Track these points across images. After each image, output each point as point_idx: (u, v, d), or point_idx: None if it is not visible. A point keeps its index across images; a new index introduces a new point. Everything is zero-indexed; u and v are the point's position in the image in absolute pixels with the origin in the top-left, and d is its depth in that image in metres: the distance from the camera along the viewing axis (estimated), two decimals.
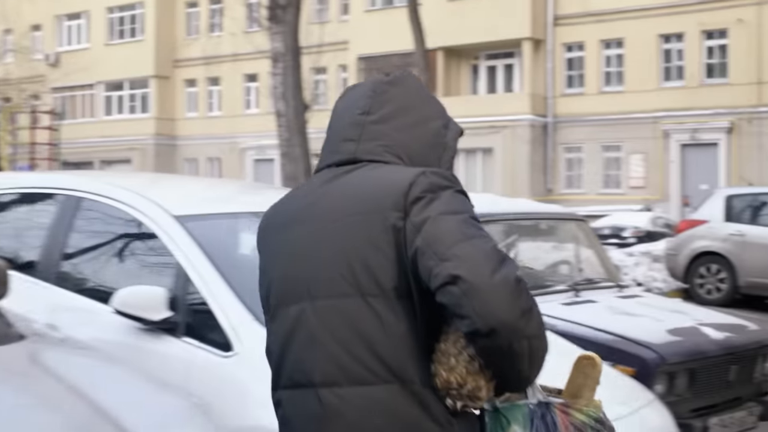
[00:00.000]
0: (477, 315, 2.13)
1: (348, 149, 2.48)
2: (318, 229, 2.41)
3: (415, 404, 2.25)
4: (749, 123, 35.17)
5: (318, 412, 2.32)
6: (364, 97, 2.53)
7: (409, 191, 2.29)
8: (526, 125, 38.91)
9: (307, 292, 2.39)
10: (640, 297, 7.40)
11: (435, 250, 2.20)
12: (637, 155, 37.72)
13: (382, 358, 2.27)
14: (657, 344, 6.15)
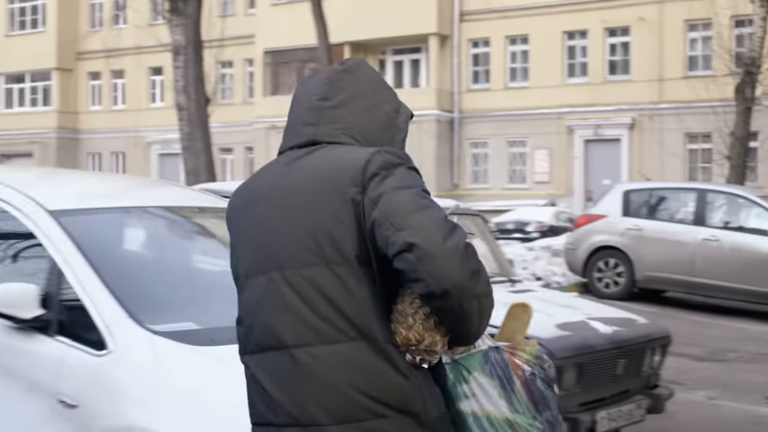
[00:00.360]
0: (431, 278, 2.36)
1: (308, 132, 2.68)
2: (283, 206, 2.62)
3: (380, 359, 2.47)
4: (650, 119, 35.77)
5: (292, 371, 2.52)
6: (322, 84, 2.71)
7: (365, 168, 2.50)
8: (432, 120, 39.05)
9: (275, 264, 2.59)
10: (533, 291, 7.44)
11: (391, 221, 2.42)
12: (542, 151, 38.12)
13: (349, 319, 2.48)
14: (545, 339, 6.14)
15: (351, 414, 2.48)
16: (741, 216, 14.74)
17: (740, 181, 24.61)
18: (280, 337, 2.56)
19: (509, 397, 2.58)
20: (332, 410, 2.49)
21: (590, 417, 6.34)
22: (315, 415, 2.50)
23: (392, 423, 2.48)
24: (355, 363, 2.48)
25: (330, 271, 2.52)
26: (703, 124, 27.19)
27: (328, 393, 2.49)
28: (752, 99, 24.48)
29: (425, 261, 2.36)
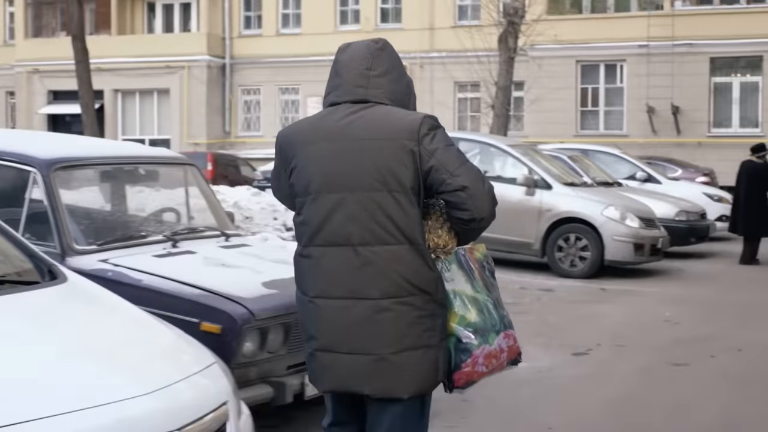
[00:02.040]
0: (475, 209, 3.57)
1: (360, 93, 3.69)
2: (354, 146, 3.62)
3: (418, 257, 3.61)
4: (421, 68, 35.87)
5: (356, 261, 3.61)
6: (364, 57, 3.74)
7: (419, 128, 3.58)
8: (203, 66, 38.04)
9: (346, 186, 3.62)
10: (246, 246, 6.91)
11: (447, 168, 3.55)
12: (314, 98, 37.64)
13: (401, 229, 3.59)
14: (247, 298, 5.68)
15: (394, 292, 3.61)
16: (493, 165, 14.71)
17: (504, 131, 24.98)
18: (348, 237, 3.62)
19: (472, 281, 3.79)
20: (382, 288, 3.60)
21: (299, 380, 5.90)
22: (370, 291, 3.62)
23: (418, 299, 3.61)
24: (402, 259, 3.60)
25: (391, 196, 3.60)
26: (471, 74, 27.31)
27: (381, 277, 3.60)
28: (515, 49, 24.80)
29: (472, 198, 3.57)
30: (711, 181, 24.31)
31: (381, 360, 3.63)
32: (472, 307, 3.72)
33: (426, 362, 3.65)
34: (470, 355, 3.71)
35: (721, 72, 31.93)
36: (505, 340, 3.82)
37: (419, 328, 3.62)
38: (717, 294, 12.56)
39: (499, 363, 3.82)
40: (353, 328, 3.66)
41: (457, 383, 3.78)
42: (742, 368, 8.35)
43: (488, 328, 3.75)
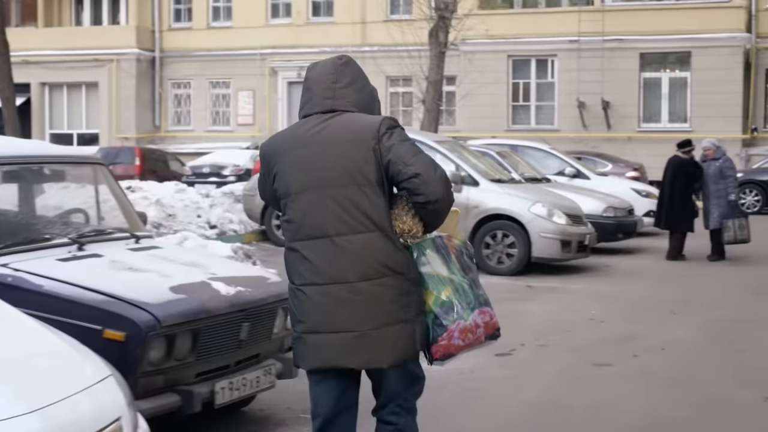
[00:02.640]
0: (429, 193, 4.02)
1: (328, 104, 4.20)
2: (325, 150, 4.12)
3: (388, 242, 4.08)
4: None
5: (333, 250, 4.06)
6: (330, 72, 4.22)
7: (379, 129, 4.07)
8: (132, 59, 37.57)
9: (320, 185, 4.10)
10: (157, 249, 6.68)
11: (402, 160, 4.03)
12: (246, 92, 37.44)
13: (371, 218, 4.07)
14: (153, 304, 5.45)
15: (369, 275, 4.06)
16: None
17: (435, 126, 24.89)
18: (324, 230, 4.08)
19: (448, 264, 4.20)
20: (359, 272, 4.05)
21: (208, 388, 5.70)
22: (347, 276, 4.06)
23: (392, 279, 4.07)
24: (373, 245, 4.07)
25: (359, 190, 4.08)
26: (403, 68, 27.15)
27: (357, 262, 4.05)
28: (445, 44, 24.70)
29: (425, 183, 4.02)
30: (640, 175, 24.48)
31: (362, 336, 4.08)
32: (448, 287, 4.19)
33: (403, 335, 4.12)
34: (446, 329, 4.17)
35: (650, 67, 32.19)
36: (480, 316, 4.23)
37: (395, 305, 4.10)
38: (643, 291, 12.55)
39: (476, 337, 4.25)
40: (335, 310, 4.11)
41: (435, 355, 4.23)
42: (665, 368, 8.29)
43: (463, 305, 4.19)
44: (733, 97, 31.02)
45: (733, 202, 15.45)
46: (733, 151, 30.25)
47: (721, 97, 30.68)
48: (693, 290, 12.60)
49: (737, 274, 14.19)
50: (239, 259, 10.64)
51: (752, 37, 31.88)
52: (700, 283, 13.38)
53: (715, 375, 8.06)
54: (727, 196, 15.42)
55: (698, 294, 12.30)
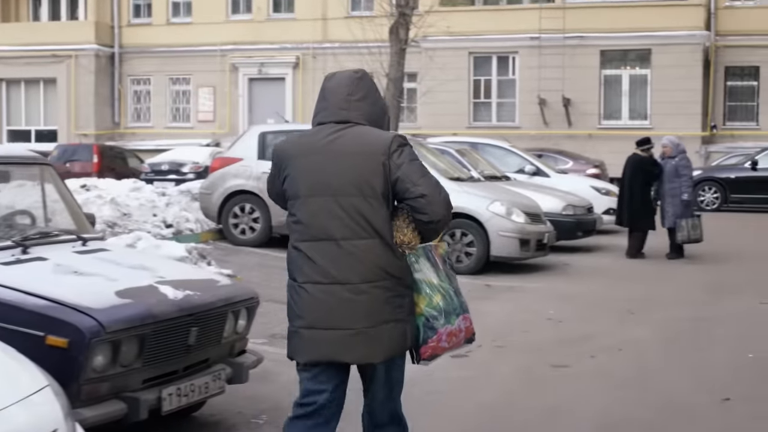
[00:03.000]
0: (433, 213, 4.37)
1: (343, 114, 4.47)
2: (337, 159, 4.40)
3: (387, 248, 4.40)
4: (314, 59, 35.57)
5: (338, 253, 4.38)
6: (346, 85, 4.50)
7: (390, 145, 4.37)
8: (91, 55, 37.19)
9: (330, 192, 4.39)
10: (104, 251, 6.52)
11: (411, 180, 4.34)
12: (206, 89, 37.18)
13: (373, 227, 4.38)
14: (97, 309, 5.31)
15: (370, 277, 4.38)
16: None
17: (395, 123, 24.75)
18: (330, 233, 4.38)
19: (437, 272, 4.56)
20: (361, 274, 4.36)
21: (155, 395, 5.57)
22: (350, 277, 4.37)
23: (389, 282, 4.39)
24: (375, 250, 4.37)
25: (365, 200, 4.37)
26: (364, 65, 26.97)
27: (360, 265, 4.36)
28: (406, 41, 24.61)
29: (430, 204, 4.35)
30: (601, 172, 24.49)
31: (358, 333, 4.40)
32: (438, 293, 4.55)
33: (396, 333, 4.46)
34: (436, 332, 4.55)
35: (611, 65, 32.27)
36: (463, 321, 4.67)
37: (390, 306, 4.43)
38: (601, 289, 12.52)
39: (458, 340, 4.67)
40: (336, 308, 4.41)
41: (423, 355, 4.59)
42: (622, 369, 8.25)
43: (450, 311, 4.58)
44: (693, 95, 31.16)
45: (687, 201, 15.41)
46: (692, 149, 30.42)
47: (680, 94, 30.81)
48: (651, 289, 12.59)
49: (695, 272, 14.21)
50: (193, 259, 10.50)
51: (711, 34, 32.03)
52: (658, 281, 13.37)
53: (672, 376, 8.02)
54: (681, 195, 15.40)
55: (656, 292, 12.28)
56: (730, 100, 32.88)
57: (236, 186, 14.45)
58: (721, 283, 13.14)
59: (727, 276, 13.83)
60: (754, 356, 8.73)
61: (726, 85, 32.83)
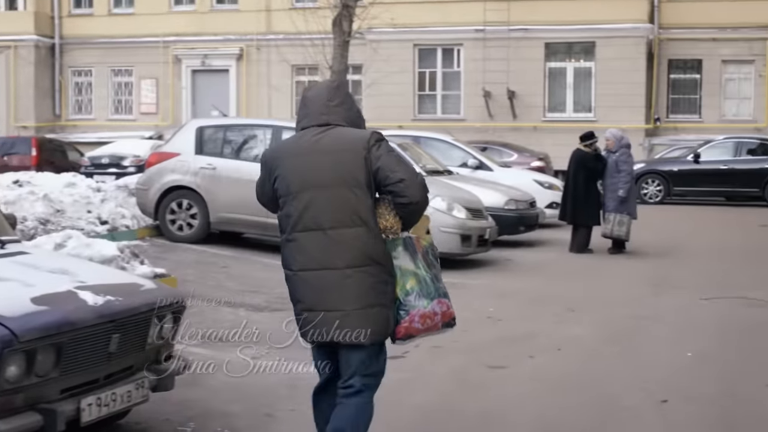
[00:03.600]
0: (411, 195, 4.86)
1: (323, 119, 4.99)
2: (323, 157, 4.91)
3: (372, 236, 4.87)
4: (258, 50, 35.27)
5: (327, 241, 4.86)
6: (325, 93, 5.06)
7: (369, 141, 4.89)
8: (30, 46, 36.66)
9: (318, 186, 4.90)
10: (23, 255, 6.26)
11: (390, 168, 4.85)
12: (148, 80, 36.75)
13: (359, 216, 4.85)
14: (10, 317, 5.07)
15: (355, 263, 4.83)
16: None
17: None
18: (320, 223, 4.86)
19: (415, 260, 4.96)
20: (346, 260, 4.82)
21: (73, 405, 5.34)
22: (336, 263, 4.84)
23: (374, 268, 4.85)
24: (360, 238, 4.83)
25: (350, 191, 4.85)
26: (308, 57, 26.74)
27: (346, 252, 4.83)
28: (349, 33, 24.41)
29: (408, 187, 4.84)
30: (545, 165, 24.50)
31: (347, 315, 4.84)
32: (412, 278, 4.96)
33: (380, 317, 4.88)
34: (408, 314, 4.96)
35: (555, 57, 32.32)
36: (438, 305, 5.05)
37: (375, 291, 4.87)
38: (542, 286, 12.41)
39: (434, 323, 5.06)
40: (326, 292, 4.87)
41: (398, 335, 5.00)
42: (560, 370, 8.13)
43: (424, 294, 4.98)
44: (637, 87, 31.28)
45: (622, 198, 15.34)
46: (636, 141, 30.55)
47: (624, 87, 30.90)
48: (592, 285, 12.52)
49: (637, 268, 14.18)
50: (126, 258, 10.23)
51: (655, 27, 32.18)
52: (600, 277, 13.32)
53: (610, 377, 7.92)
54: (618, 190, 15.35)
55: (598, 289, 12.21)
56: (673, 93, 33.09)
57: (173, 181, 14.16)
58: (662, 278, 13.12)
59: (669, 271, 13.81)
60: (693, 355, 8.66)
61: (669, 77, 33.02)
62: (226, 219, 14.00)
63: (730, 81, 32.86)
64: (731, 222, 21.28)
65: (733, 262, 14.89)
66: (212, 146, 14.37)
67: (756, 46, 32.07)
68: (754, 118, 32.23)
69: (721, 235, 18.48)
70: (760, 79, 32.13)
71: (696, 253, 15.89)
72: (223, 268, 12.87)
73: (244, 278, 12.29)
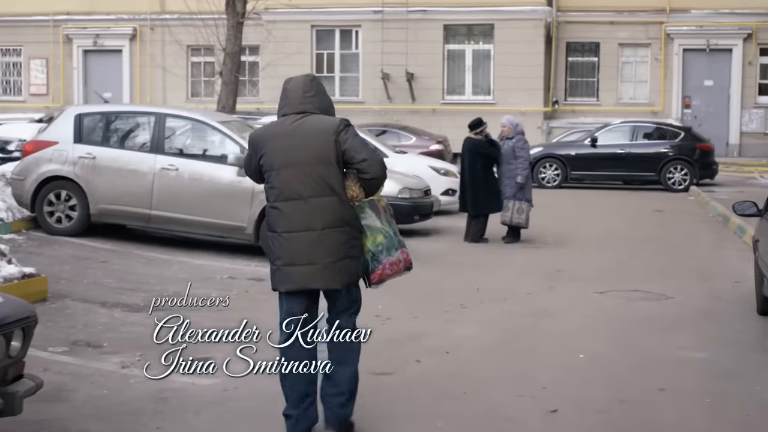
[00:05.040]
0: (373, 171, 5.97)
1: (301, 107, 6.05)
2: (302, 139, 5.96)
3: (342, 203, 5.97)
4: (152, 30, 34.40)
5: (306, 208, 5.91)
6: (302, 86, 6.11)
7: (338, 126, 5.96)
8: None
9: (297, 163, 5.95)
10: None
11: (355, 149, 5.95)
12: (38, 60, 35.63)
13: (332, 187, 5.93)
14: None
15: (330, 225, 5.94)
16: (202, 143, 13.69)
17: (233, 98, 23.99)
18: (300, 193, 5.94)
19: (379, 218, 6.15)
20: (324, 222, 5.92)
21: None
22: (315, 225, 5.94)
23: (346, 228, 5.99)
24: (334, 204, 5.95)
25: (324, 167, 5.95)
26: (200, 39, 25.98)
27: (322, 216, 5.92)
28: (243, 14, 23.82)
29: (370, 165, 5.97)
30: (444, 148, 24.26)
31: (325, 267, 5.93)
32: (380, 234, 6.11)
33: (351, 267, 6.03)
34: (380, 263, 6.13)
35: (454, 39, 32.09)
36: (401, 254, 6.21)
37: (346, 246, 5.99)
38: (435, 280, 12.01)
39: (398, 268, 6.21)
40: (307, 248, 5.92)
41: (373, 280, 6.17)
42: (447, 375, 7.78)
43: (390, 246, 6.14)
44: (535, 70, 31.22)
45: (520, 184, 15.10)
46: (534, 124, 30.63)
47: (523, 70, 30.83)
48: (487, 278, 12.22)
49: (532, 258, 13.95)
50: None
51: (553, 10, 32.13)
52: (494, 269, 13.02)
53: (499, 383, 7.61)
54: (515, 177, 15.10)
55: (492, 282, 11.91)
56: (571, 76, 33.16)
57: (51, 171, 13.41)
58: (558, 269, 12.89)
59: (564, 262, 13.58)
60: (586, 357, 8.39)
61: (567, 60, 33.08)
62: (107, 211, 13.32)
63: (627, 64, 33.04)
64: (628, 207, 21.26)
65: (628, 250, 14.76)
66: (92, 135, 13.65)
67: (652, 29, 32.28)
68: (651, 101, 32.47)
69: (617, 222, 18.40)
70: (656, 63, 32.36)
71: (592, 242, 15.74)
72: (102, 263, 12.24)
73: (124, 274, 11.70)
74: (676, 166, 24.98)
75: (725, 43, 32.10)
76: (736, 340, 9.14)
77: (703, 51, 32.13)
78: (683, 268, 13.18)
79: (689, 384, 7.66)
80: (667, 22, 32.07)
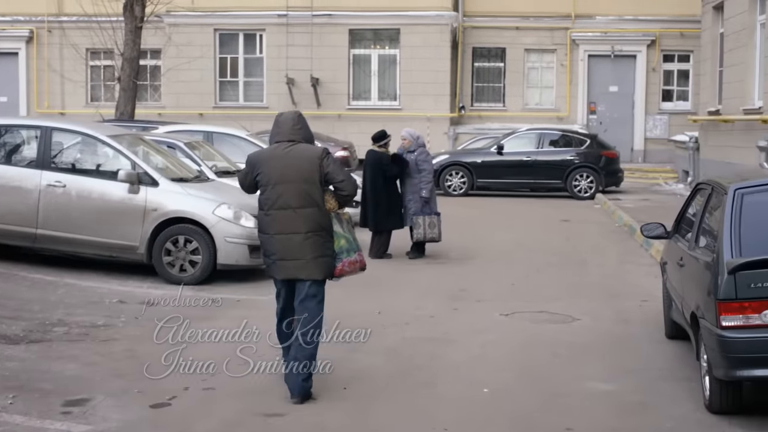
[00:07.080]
0: (348, 190, 7.81)
1: (291, 137, 7.70)
2: (291, 162, 7.60)
3: (321, 213, 7.70)
4: (51, 33, 33.40)
5: (294, 216, 7.59)
6: (291, 119, 7.79)
7: (322, 154, 7.65)
8: None
9: (287, 180, 7.58)
10: None
11: (335, 173, 7.70)
12: None
13: (314, 200, 7.65)
14: None
15: (312, 229, 7.62)
16: (91, 158, 13.06)
17: (131, 105, 23.38)
18: (289, 204, 7.56)
19: (342, 227, 7.85)
20: (307, 227, 7.60)
21: None
22: (300, 229, 7.59)
23: (323, 233, 7.69)
24: (315, 214, 7.63)
25: (309, 185, 7.59)
26: (103, 41, 25.10)
27: (306, 222, 7.59)
28: (142, 18, 23.23)
29: (347, 186, 7.75)
30: (350, 155, 23.91)
31: (307, 262, 7.56)
32: (342, 239, 7.73)
33: (326, 263, 7.66)
34: (341, 261, 7.73)
35: (360, 44, 31.74)
36: (358, 256, 7.89)
37: (324, 247, 7.63)
38: (337, 302, 11.21)
39: (355, 267, 7.87)
40: (294, 248, 7.55)
41: (336, 274, 7.76)
42: (340, 417, 7.35)
43: (350, 249, 7.77)
44: (442, 76, 31.03)
45: (426, 198, 14.73)
46: (441, 130, 30.50)
47: (429, 75, 30.62)
48: (389, 300, 11.76)
49: (436, 275, 13.58)
50: None
51: (459, 15, 31.93)
52: (398, 289, 12.56)
53: (398, 424, 7.18)
54: (420, 191, 14.73)
55: (394, 304, 11.47)
56: (477, 81, 33.03)
57: None
58: (462, 288, 12.53)
59: (469, 279, 13.23)
60: (490, 391, 8.01)
61: (474, 66, 32.94)
62: None
63: (533, 70, 33.04)
64: (534, 216, 21.07)
65: (535, 264, 14.52)
66: None
67: (558, 35, 32.31)
68: (557, 106, 32.49)
69: (523, 234, 18.16)
70: (561, 68, 32.37)
71: (497, 256, 15.44)
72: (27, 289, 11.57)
73: (5, 300, 10.97)
74: (582, 174, 24.93)
75: (630, 49, 32.27)
76: (645, 368, 8.84)
77: (608, 57, 32.26)
78: (590, 285, 12.93)
79: (597, 421, 7.36)
80: (573, 28, 32.12)
